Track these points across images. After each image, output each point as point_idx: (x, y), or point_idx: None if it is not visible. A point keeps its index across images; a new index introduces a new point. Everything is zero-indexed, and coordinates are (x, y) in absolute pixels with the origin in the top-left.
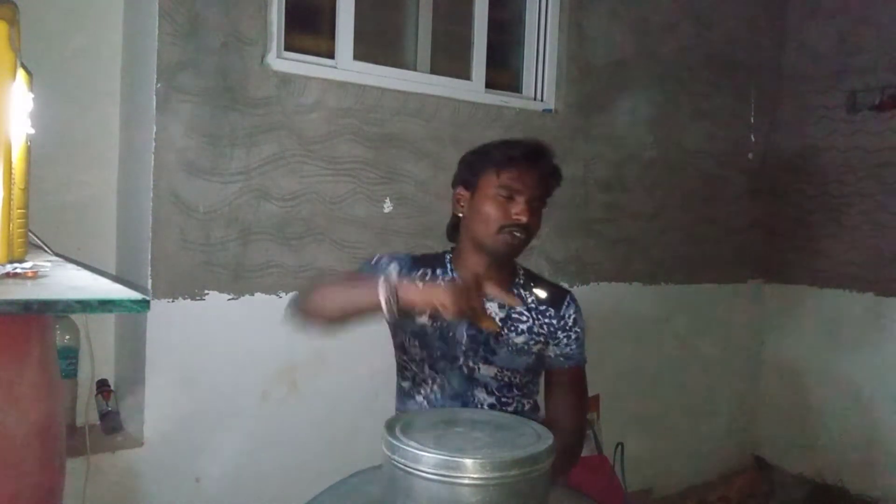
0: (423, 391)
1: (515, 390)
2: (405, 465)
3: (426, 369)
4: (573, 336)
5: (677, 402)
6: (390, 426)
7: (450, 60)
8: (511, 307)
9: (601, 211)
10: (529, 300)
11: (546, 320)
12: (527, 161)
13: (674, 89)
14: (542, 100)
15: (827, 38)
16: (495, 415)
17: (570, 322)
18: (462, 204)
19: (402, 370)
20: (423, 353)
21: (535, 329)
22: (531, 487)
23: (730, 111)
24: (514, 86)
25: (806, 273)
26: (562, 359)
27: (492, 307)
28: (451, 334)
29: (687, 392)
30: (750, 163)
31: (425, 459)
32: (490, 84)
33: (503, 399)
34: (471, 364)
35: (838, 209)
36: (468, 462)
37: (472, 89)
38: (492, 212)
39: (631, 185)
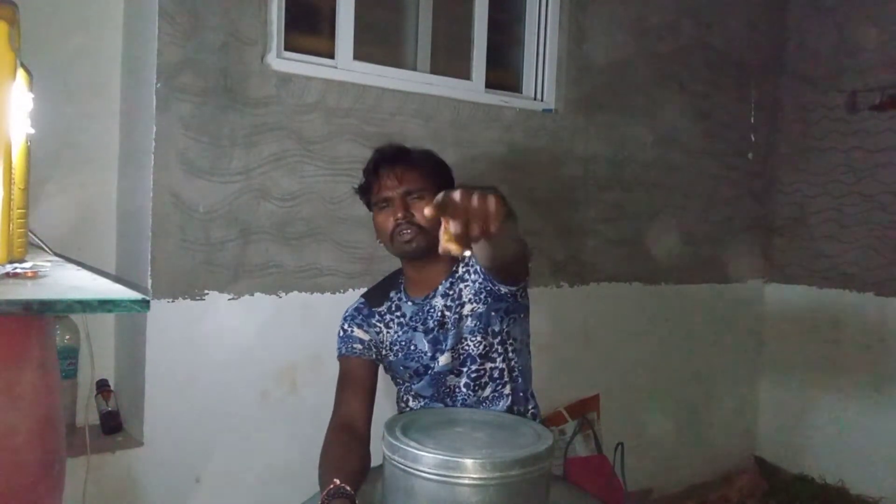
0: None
1: (479, 359)
2: (405, 465)
3: (414, 394)
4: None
5: (677, 403)
6: (390, 426)
7: (450, 60)
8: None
9: (601, 211)
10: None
11: (466, 277)
12: (381, 166)
13: (674, 89)
14: (542, 100)
15: (827, 38)
16: (495, 415)
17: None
18: (376, 230)
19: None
20: (403, 375)
21: (466, 292)
22: (531, 487)
23: (730, 111)
24: (514, 86)
25: (806, 273)
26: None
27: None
28: (413, 347)
29: (687, 392)
30: (750, 163)
31: (425, 459)
32: (490, 84)
33: (470, 373)
34: (438, 359)
35: (838, 209)
36: (468, 462)
37: (472, 89)
38: (381, 225)
39: (631, 185)
